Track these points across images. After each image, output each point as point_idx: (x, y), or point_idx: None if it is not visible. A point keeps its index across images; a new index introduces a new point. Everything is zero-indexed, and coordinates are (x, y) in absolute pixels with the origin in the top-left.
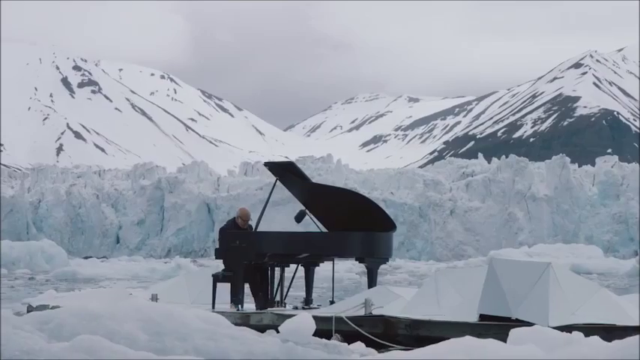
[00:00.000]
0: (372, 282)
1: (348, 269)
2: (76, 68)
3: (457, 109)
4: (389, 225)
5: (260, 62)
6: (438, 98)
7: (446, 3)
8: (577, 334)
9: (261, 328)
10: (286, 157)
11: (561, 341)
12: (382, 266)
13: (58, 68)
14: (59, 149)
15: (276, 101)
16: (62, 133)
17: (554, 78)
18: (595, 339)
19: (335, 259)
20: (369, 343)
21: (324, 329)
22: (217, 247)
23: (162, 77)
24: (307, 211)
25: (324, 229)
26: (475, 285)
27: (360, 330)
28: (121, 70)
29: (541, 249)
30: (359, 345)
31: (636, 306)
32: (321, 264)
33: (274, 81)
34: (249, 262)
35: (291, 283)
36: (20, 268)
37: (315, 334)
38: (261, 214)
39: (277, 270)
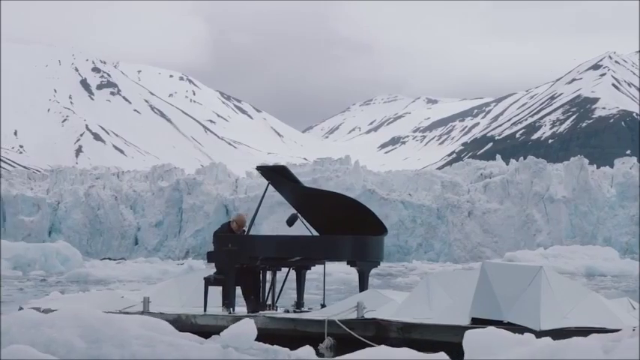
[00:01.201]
0: (363, 285)
1: None
2: (95, 70)
3: (475, 111)
4: (380, 229)
5: (279, 64)
6: (457, 100)
7: (464, 4)
8: (529, 335)
9: None
10: (305, 159)
11: (513, 342)
12: (396, 268)
13: (77, 70)
14: (78, 151)
15: (295, 103)
16: (81, 135)
17: (573, 79)
18: (546, 340)
19: (327, 262)
20: (361, 346)
21: (317, 332)
22: (210, 250)
23: (181, 79)
24: (299, 215)
25: (315, 233)
26: (466, 288)
27: (352, 333)
28: (139, 71)
29: (557, 251)
30: (306, 349)
31: (625, 309)
32: (313, 267)
33: (293, 82)
34: (241, 265)
35: (282, 287)
36: (35, 269)
37: (307, 338)
38: (253, 218)
39: (269, 273)
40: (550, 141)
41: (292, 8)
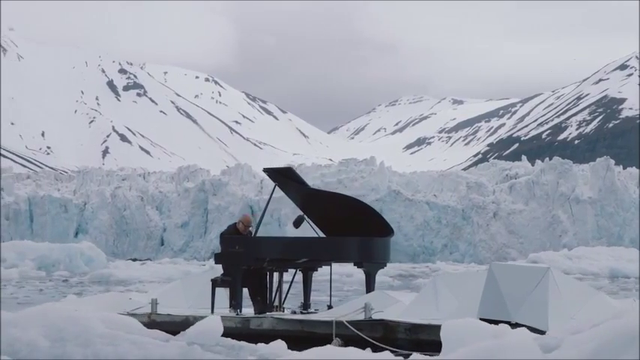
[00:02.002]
0: (370, 286)
1: (383, 272)
2: (122, 71)
3: (501, 111)
4: (386, 230)
5: (304, 65)
6: (482, 100)
7: (490, 4)
8: (504, 326)
9: (261, 333)
10: (330, 160)
11: (488, 333)
12: (420, 269)
13: (103, 71)
14: (105, 152)
15: (321, 104)
16: (108, 136)
17: (600, 80)
18: (522, 330)
19: (333, 263)
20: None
21: (325, 333)
22: (217, 251)
23: (207, 80)
24: (305, 217)
25: (322, 234)
26: (472, 289)
27: (360, 334)
28: (165, 73)
29: (581, 252)
30: (278, 343)
31: (632, 309)
32: (320, 268)
33: (318, 83)
34: (248, 266)
35: (289, 288)
36: (60, 270)
37: (315, 339)
38: (260, 219)
39: (276, 274)
40: (576, 142)
41: (317, 9)
